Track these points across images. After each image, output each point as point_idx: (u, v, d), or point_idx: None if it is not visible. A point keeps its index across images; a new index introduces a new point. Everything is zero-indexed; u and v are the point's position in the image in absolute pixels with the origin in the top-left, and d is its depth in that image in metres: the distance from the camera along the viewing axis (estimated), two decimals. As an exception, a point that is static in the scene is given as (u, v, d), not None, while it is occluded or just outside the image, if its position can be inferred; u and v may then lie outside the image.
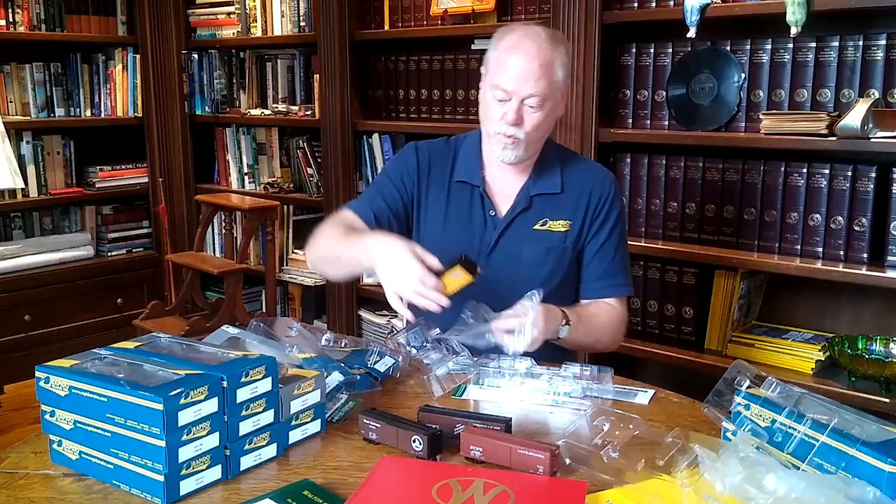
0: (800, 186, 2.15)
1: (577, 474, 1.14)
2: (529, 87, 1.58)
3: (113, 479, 1.11)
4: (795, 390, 1.18)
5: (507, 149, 1.64)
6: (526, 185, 1.72)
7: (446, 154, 1.78)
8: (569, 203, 1.72)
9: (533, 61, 1.57)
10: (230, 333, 1.46)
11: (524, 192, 1.71)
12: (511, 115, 1.59)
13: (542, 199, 1.71)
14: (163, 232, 3.83)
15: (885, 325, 2.17)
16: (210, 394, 1.09)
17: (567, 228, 1.71)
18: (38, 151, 3.59)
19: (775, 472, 1.01)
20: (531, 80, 1.57)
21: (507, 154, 1.65)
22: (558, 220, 1.71)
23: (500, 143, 1.64)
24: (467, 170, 1.75)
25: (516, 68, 1.58)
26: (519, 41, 1.60)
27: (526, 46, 1.59)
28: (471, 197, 1.73)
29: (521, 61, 1.58)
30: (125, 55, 3.79)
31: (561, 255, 1.71)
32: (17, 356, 3.32)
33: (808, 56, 2.13)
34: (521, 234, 1.70)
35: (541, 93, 1.58)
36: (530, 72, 1.57)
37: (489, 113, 1.64)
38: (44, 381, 1.16)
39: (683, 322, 2.36)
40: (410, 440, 1.18)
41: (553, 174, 1.73)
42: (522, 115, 1.60)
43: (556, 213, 1.71)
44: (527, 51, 1.58)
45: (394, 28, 3.00)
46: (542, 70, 1.57)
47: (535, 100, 1.59)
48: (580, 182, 1.73)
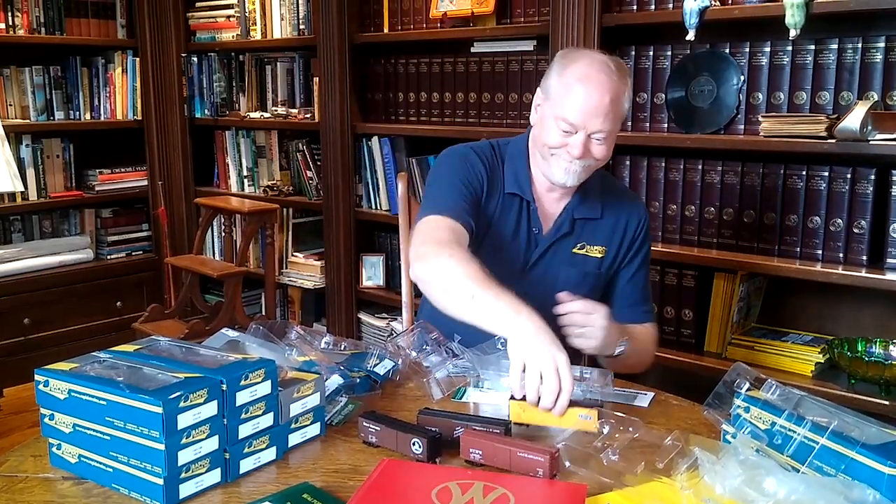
0: (799, 189, 2.15)
1: (576, 477, 1.14)
2: (598, 124, 1.54)
3: (112, 483, 1.11)
4: (795, 393, 1.18)
5: (570, 172, 1.60)
6: (569, 207, 1.69)
7: (496, 161, 1.72)
8: (606, 229, 1.71)
9: (605, 95, 1.53)
10: (230, 336, 1.46)
11: (567, 213, 1.69)
12: (577, 149, 1.55)
13: (583, 223, 1.70)
14: (162, 235, 3.83)
15: (885, 327, 2.17)
16: (209, 397, 1.09)
17: (603, 255, 1.71)
18: (37, 154, 3.59)
19: (775, 474, 1.01)
20: (601, 115, 1.53)
21: (571, 179, 1.61)
22: (595, 246, 1.71)
23: (561, 167, 1.60)
24: (517, 182, 1.69)
25: (586, 103, 1.53)
26: (589, 73, 1.54)
27: (598, 80, 1.53)
28: (519, 210, 1.69)
29: (593, 96, 1.53)
30: (125, 58, 3.79)
31: (595, 281, 1.72)
32: (17, 359, 3.32)
33: (807, 58, 2.13)
34: (560, 257, 1.69)
35: (610, 128, 1.56)
36: (601, 107, 1.53)
37: (549, 139, 1.59)
38: (43, 385, 1.16)
39: (683, 324, 2.36)
40: (410, 443, 1.18)
41: (595, 199, 1.71)
42: (588, 146, 1.56)
43: (594, 238, 1.71)
44: (599, 85, 1.53)
45: (393, 31, 3.00)
46: (612, 105, 1.53)
47: (602, 134, 1.56)
48: (618, 209, 1.73)
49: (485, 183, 1.67)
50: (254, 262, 3.61)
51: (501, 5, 2.69)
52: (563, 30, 2.41)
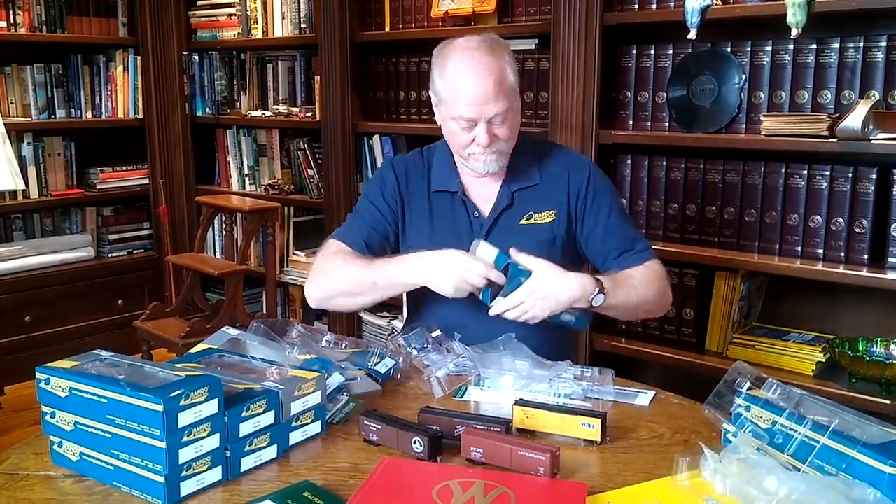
0: (800, 188, 2.15)
1: (577, 476, 1.14)
2: (491, 109, 1.56)
3: (113, 481, 1.11)
4: (796, 392, 1.18)
5: (489, 163, 1.64)
6: (505, 183, 1.71)
7: (421, 165, 1.77)
8: (549, 192, 1.71)
9: (487, 79, 1.55)
10: (230, 335, 1.46)
11: (504, 189, 1.71)
12: (483, 137, 1.58)
13: (523, 193, 1.71)
14: (163, 233, 3.83)
15: (886, 326, 2.17)
16: (210, 395, 1.09)
17: (553, 218, 1.71)
18: (38, 153, 3.59)
19: (776, 473, 1.01)
20: (491, 100, 1.56)
21: (492, 166, 1.65)
22: (543, 212, 1.70)
23: (479, 160, 1.64)
24: (443, 179, 1.74)
25: (473, 94, 1.56)
26: (465, 63, 1.57)
27: (475, 68, 1.56)
28: (452, 203, 1.73)
29: (476, 82, 1.55)
30: (126, 57, 3.79)
31: (551, 246, 1.70)
32: (18, 357, 3.32)
33: (809, 57, 2.13)
34: (507, 232, 1.69)
35: (504, 106, 1.57)
36: (488, 91, 1.55)
37: (457, 140, 1.63)
38: (44, 383, 1.16)
39: (684, 323, 2.36)
40: (411, 441, 1.18)
41: (529, 166, 1.72)
42: (492, 132, 1.59)
43: (539, 205, 1.71)
44: (477, 72, 1.56)
45: (394, 29, 3.00)
46: (498, 85, 1.56)
47: (500, 117, 1.58)
48: (557, 169, 1.73)
49: (397, 194, 1.74)
50: (255, 260, 3.61)
51: (503, 4, 2.69)
52: (565, 29, 2.41)
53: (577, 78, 2.40)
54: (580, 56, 2.39)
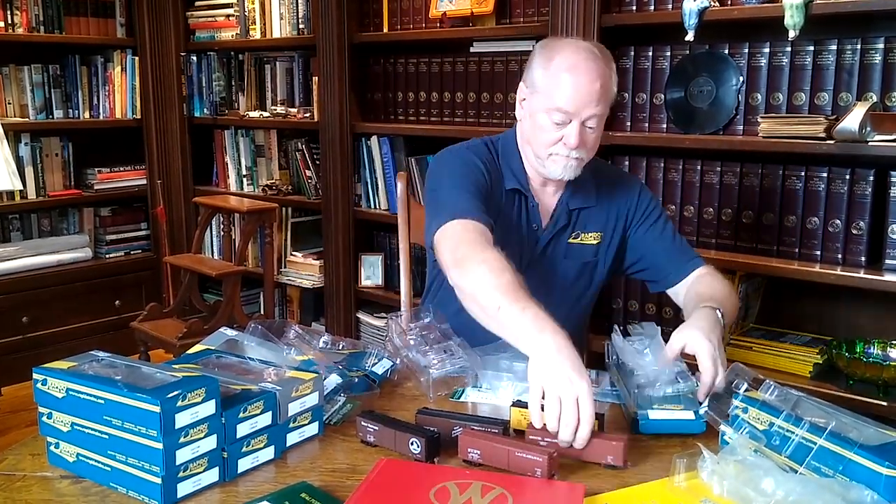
0: (798, 190, 2.15)
1: (574, 477, 1.14)
2: (592, 109, 1.53)
3: (110, 482, 1.11)
4: (793, 393, 1.18)
5: (568, 168, 1.59)
6: (564, 199, 1.69)
7: (493, 158, 1.70)
8: (601, 215, 1.71)
9: (595, 81, 1.52)
10: (228, 336, 1.46)
11: (562, 205, 1.69)
12: (573, 138, 1.54)
13: (578, 212, 1.70)
14: (161, 234, 3.82)
15: (883, 328, 2.17)
16: (207, 396, 1.09)
17: (598, 241, 1.70)
18: (36, 153, 3.59)
19: (773, 475, 1.01)
20: (593, 101, 1.53)
21: (569, 172, 1.60)
22: (590, 233, 1.70)
23: (559, 163, 1.59)
24: (516, 177, 1.68)
25: (577, 90, 1.52)
26: (575, 61, 1.54)
27: (586, 67, 1.53)
28: (520, 206, 1.68)
29: (583, 82, 1.52)
30: (124, 57, 3.79)
31: (594, 269, 1.71)
32: (15, 358, 3.32)
33: (806, 59, 2.13)
34: (558, 250, 1.69)
35: (602, 112, 1.56)
36: (592, 93, 1.52)
37: (542, 136, 1.58)
38: (41, 383, 1.16)
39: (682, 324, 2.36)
40: (408, 442, 1.18)
41: (588, 186, 1.70)
42: (584, 135, 1.56)
43: (589, 225, 1.70)
44: (587, 71, 1.53)
45: (393, 30, 3.00)
46: (602, 90, 1.53)
47: (595, 120, 1.55)
48: (611, 191, 1.72)
49: (489, 181, 1.65)
50: (252, 261, 3.61)
51: (501, 5, 2.69)
52: (563, 30, 2.41)
53: (575, 79, 2.40)
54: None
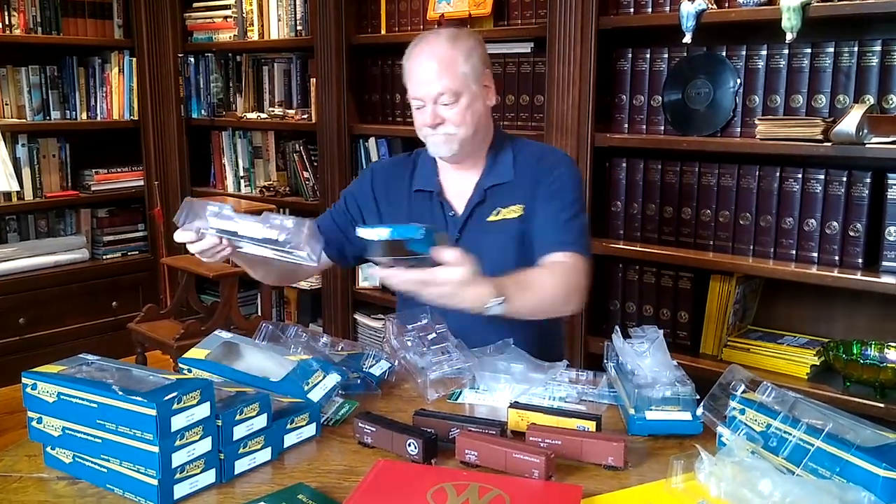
0: (795, 191, 2.15)
1: (572, 479, 1.14)
2: (434, 87, 1.62)
3: (107, 483, 1.11)
4: (790, 395, 1.18)
5: (439, 146, 1.67)
6: (479, 181, 1.73)
7: (405, 168, 1.82)
8: (520, 188, 1.71)
9: (430, 61, 1.63)
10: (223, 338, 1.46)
11: (478, 187, 1.73)
12: (427, 117, 1.64)
13: (495, 190, 1.72)
14: (158, 235, 3.82)
15: (880, 330, 2.18)
16: (202, 398, 1.08)
17: (521, 213, 1.70)
18: (33, 154, 3.58)
19: (770, 476, 1.01)
20: (434, 79, 1.62)
21: (442, 149, 1.68)
22: (510, 207, 1.70)
23: (434, 142, 1.68)
24: (423, 179, 1.77)
25: (418, 73, 1.65)
26: (417, 48, 1.68)
27: (421, 49, 1.66)
28: (430, 203, 1.75)
29: (421, 64, 1.65)
30: (121, 58, 3.78)
31: (521, 243, 1.69)
32: (12, 359, 3.30)
33: (804, 62, 2.13)
34: (478, 229, 1.70)
35: (447, 88, 1.61)
36: (431, 71, 1.62)
37: (416, 123, 1.70)
38: (31, 388, 1.15)
39: (679, 326, 2.36)
40: (406, 444, 1.18)
41: (505, 164, 1.73)
42: (441, 114, 1.63)
43: (508, 200, 1.71)
44: (422, 53, 1.65)
45: (390, 32, 3.00)
46: (443, 66, 1.62)
47: (445, 97, 1.62)
48: (529, 165, 1.73)
49: (369, 198, 1.80)
50: (250, 262, 3.60)
51: (499, 7, 2.69)
52: (561, 32, 2.41)
53: (573, 81, 2.41)
54: (576, 59, 2.40)
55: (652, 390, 1.31)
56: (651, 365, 1.33)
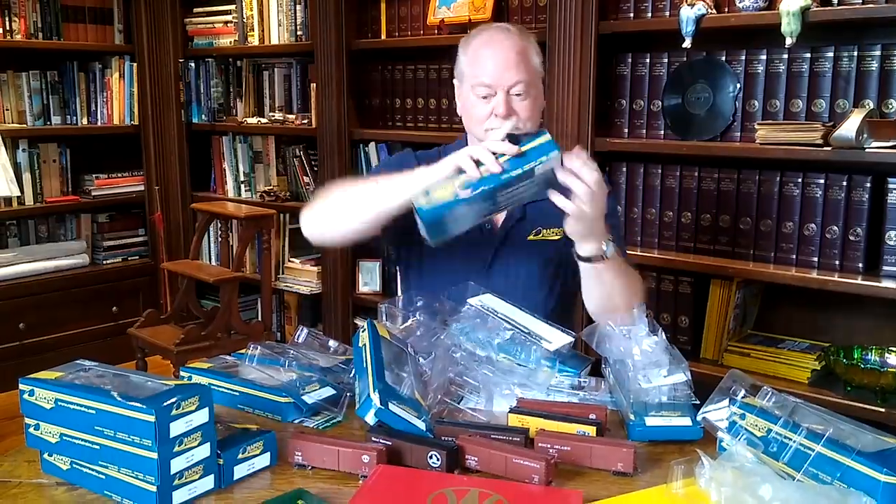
0: (795, 196, 2.16)
1: (572, 484, 1.14)
2: (513, 75, 1.56)
3: (105, 490, 1.10)
4: (791, 400, 1.18)
5: None
6: None
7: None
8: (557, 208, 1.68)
9: (510, 51, 1.58)
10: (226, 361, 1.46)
11: None
12: (502, 107, 1.56)
13: (535, 206, 1.65)
14: (158, 240, 3.82)
15: (881, 334, 2.17)
16: (201, 404, 1.08)
17: (560, 236, 1.64)
18: (34, 159, 3.59)
19: (771, 481, 1.01)
20: (512, 67, 1.56)
21: None
22: (552, 228, 1.65)
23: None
24: None
25: (495, 60, 1.58)
26: (489, 37, 1.62)
27: (498, 39, 1.60)
28: None
29: (498, 52, 1.58)
30: (122, 63, 3.79)
31: (557, 267, 1.67)
32: (12, 364, 3.30)
33: (804, 66, 2.13)
34: (517, 248, 1.66)
35: (524, 79, 1.57)
36: (510, 60, 1.57)
37: (475, 114, 1.61)
38: (28, 394, 1.15)
39: (679, 331, 2.36)
40: (427, 456, 1.15)
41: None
42: (512, 105, 1.57)
43: (550, 220, 1.65)
44: (500, 42, 1.59)
45: (391, 37, 3.01)
46: (520, 57, 1.57)
47: (520, 86, 1.57)
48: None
49: None
50: (250, 267, 3.60)
51: (498, 13, 2.70)
52: (560, 37, 2.42)
53: (573, 86, 2.41)
54: (576, 64, 2.40)
55: (648, 396, 1.30)
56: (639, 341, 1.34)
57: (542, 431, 1.21)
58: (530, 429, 1.25)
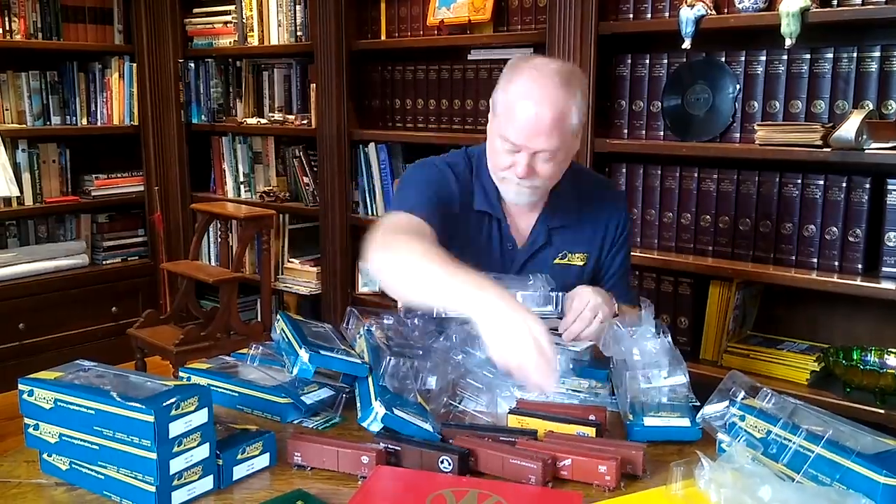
0: (794, 197, 2.16)
1: (571, 485, 1.14)
2: (541, 143, 1.46)
3: (104, 490, 1.10)
4: (790, 401, 1.18)
5: (520, 195, 1.56)
6: (542, 217, 1.64)
7: (469, 174, 1.65)
8: (586, 234, 1.67)
9: (547, 113, 1.44)
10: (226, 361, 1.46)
11: (541, 225, 1.64)
12: (521, 169, 1.48)
13: (560, 230, 1.65)
14: (158, 240, 3.82)
15: (880, 335, 2.17)
16: (200, 404, 1.08)
17: (585, 262, 1.67)
18: (33, 159, 3.59)
19: (770, 483, 1.01)
20: (543, 134, 1.45)
21: (522, 199, 1.57)
22: (577, 254, 1.66)
23: (510, 188, 1.56)
24: (487, 198, 1.62)
25: (527, 121, 1.45)
26: (530, 87, 1.46)
27: (540, 97, 1.45)
28: (490, 228, 1.63)
29: (533, 114, 1.44)
30: (122, 64, 3.79)
31: None
32: (11, 364, 3.30)
33: (803, 67, 2.14)
34: (539, 269, 1.62)
35: (553, 147, 1.47)
36: (542, 126, 1.44)
37: (495, 159, 1.54)
38: (27, 394, 1.15)
39: (679, 332, 2.36)
40: (438, 461, 1.14)
41: (570, 203, 1.65)
42: (534, 166, 1.49)
43: (575, 245, 1.66)
44: (539, 101, 1.45)
45: (390, 38, 3.01)
46: (554, 122, 1.45)
47: (546, 154, 1.48)
48: (597, 210, 1.67)
49: (456, 197, 1.61)
50: (250, 267, 3.60)
51: (498, 13, 2.70)
52: (560, 38, 2.42)
53: (573, 87, 2.41)
54: (575, 65, 2.40)
55: (649, 396, 1.30)
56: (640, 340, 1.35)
57: (550, 433, 1.21)
58: (538, 431, 1.25)
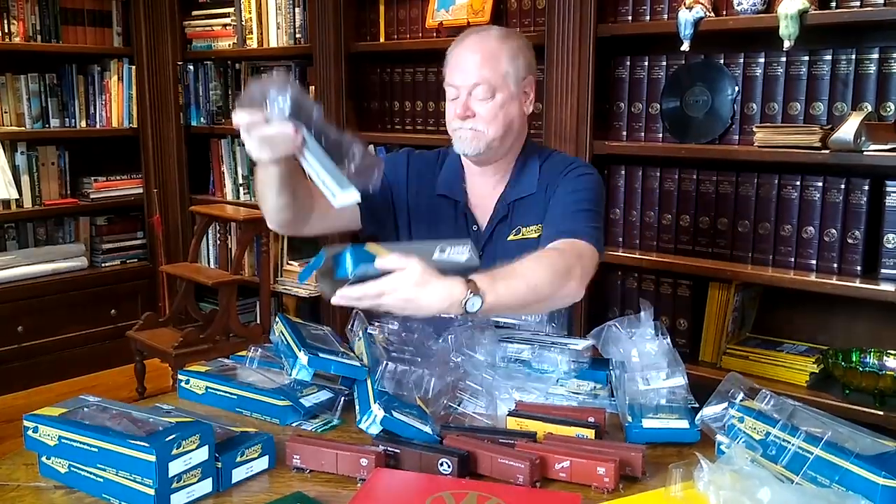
0: (793, 199, 2.16)
1: (570, 487, 1.14)
2: (473, 77, 1.58)
3: (103, 493, 1.10)
4: (789, 403, 1.18)
5: (465, 141, 1.62)
6: (504, 193, 1.68)
7: (434, 166, 1.76)
8: (539, 203, 1.65)
9: (475, 52, 1.60)
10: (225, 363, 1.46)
11: (502, 199, 1.68)
12: (459, 107, 1.59)
13: (519, 204, 1.67)
14: (157, 243, 3.82)
15: (879, 337, 2.17)
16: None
17: (540, 233, 1.63)
18: (32, 162, 3.58)
19: (769, 485, 1.01)
20: (473, 69, 1.58)
21: (467, 146, 1.62)
22: (531, 226, 1.65)
23: (460, 137, 1.63)
24: (448, 183, 1.72)
25: (458, 60, 1.61)
26: (464, 38, 1.65)
27: (469, 40, 1.63)
28: (455, 212, 1.70)
29: (463, 53, 1.61)
30: (121, 66, 3.79)
31: None
32: (10, 367, 3.30)
33: (802, 69, 2.14)
34: (500, 247, 1.65)
35: (485, 80, 1.57)
36: (472, 61, 1.59)
37: (447, 115, 1.66)
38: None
39: (678, 334, 2.36)
40: (437, 463, 1.15)
41: (530, 175, 1.68)
42: (472, 107, 1.59)
43: (528, 217, 1.65)
44: (469, 44, 1.62)
45: (389, 40, 3.01)
46: (484, 59, 1.59)
47: (480, 89, 1.58)
48: (555, 176, 1.66)
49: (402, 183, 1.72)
50: (249, 270, 3.60)
51: (497, 15, 2.70)
52: (559, 40, 2.42)
53: (571, 89, 2.41)
54: (574, 67, 2.40)
55: (646, 398, 1.31)
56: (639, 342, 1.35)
57: (550, 435, 1.21)
58: (537, 433, 1.25)
